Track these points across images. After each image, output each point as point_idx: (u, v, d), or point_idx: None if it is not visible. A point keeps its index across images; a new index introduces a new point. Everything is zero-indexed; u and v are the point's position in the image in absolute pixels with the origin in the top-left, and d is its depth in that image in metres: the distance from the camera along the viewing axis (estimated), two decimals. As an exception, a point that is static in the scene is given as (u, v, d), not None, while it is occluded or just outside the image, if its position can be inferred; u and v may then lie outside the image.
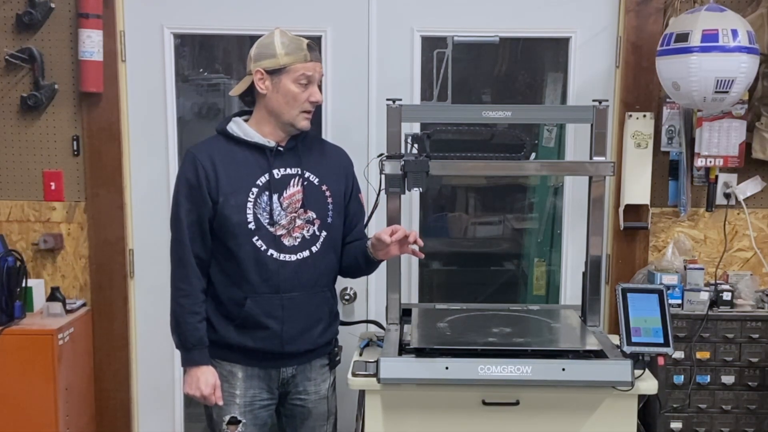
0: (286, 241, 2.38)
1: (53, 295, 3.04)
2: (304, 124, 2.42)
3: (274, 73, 2.36)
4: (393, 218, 2.64)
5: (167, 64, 3.13)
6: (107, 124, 3.10)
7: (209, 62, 3.82)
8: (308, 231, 2.41)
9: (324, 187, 2.46)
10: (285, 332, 2.40)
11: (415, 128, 2.88)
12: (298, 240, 2.40)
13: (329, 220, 2.46)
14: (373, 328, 2.82)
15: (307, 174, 2.43)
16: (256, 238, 2.36)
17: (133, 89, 3.13)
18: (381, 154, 2.58)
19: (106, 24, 3.03)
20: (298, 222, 2.40)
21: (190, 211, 2.37)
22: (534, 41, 3.55)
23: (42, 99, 3.05)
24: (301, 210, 2.41)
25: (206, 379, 2.40)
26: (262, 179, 2.38)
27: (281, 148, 2.42)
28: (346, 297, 3.15)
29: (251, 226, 2.36)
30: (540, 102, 3.59)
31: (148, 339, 3.25)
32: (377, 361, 2.37)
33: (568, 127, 3.18)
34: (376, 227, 2.70)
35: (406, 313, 2.79)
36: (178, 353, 3.21)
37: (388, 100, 2.70)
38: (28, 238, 3.16)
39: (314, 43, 2.42)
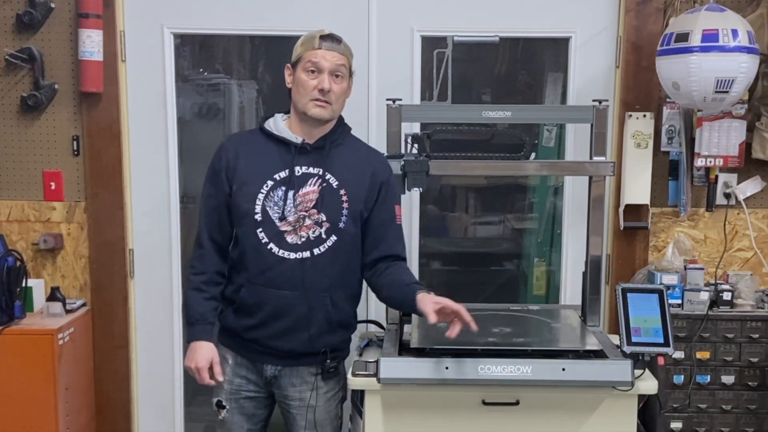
0: (289, 239, 2.37)
1: (53, 295, 3.04)
2: (314, 111, 2.37)
3: (294, 66, 2.40)
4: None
5: (167, 64, 3.13)
6: (107, 124, 3.10)
7: (209, 62, 3.82)
8: (314, 232, 2.38)
9: (342, 192, 2.41)
10: (271, 327, 2.39)
11: (415, 128, 2.88)
12: (303, 239, 2.38)
13: (341, 225, 2.40)
14: (373, 328, 2.81)
15: (327, 176, 2.40)
16: (260, 230, 2.37)
17: (133, 89, 3.14)
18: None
19: (106, 24, 3.03)
20: (307, 222, 2.38)
21: (210, 196, 2.46)
22: (534, 41, 3.55)
23: (42, 99, 3.05)
24: (313, 210, 2.38)
25: (203, 353, 2.40)
26: (282, 174, 2.38)
27: (308, 146, 2.41)
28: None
29: (258, 217, 2.37)
30: (540, 102, 3.59)
31: (148, 339, 3.25)
32: (377, 361, 2.37)
33: (568, 127, 3.18)
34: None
35: (406, 313, 2.78)
36: (178, 353, 3.27)
37: (388, 100, 2.70)
38: (28, 238, 3.16)
39: (334, 34, 2.39)
